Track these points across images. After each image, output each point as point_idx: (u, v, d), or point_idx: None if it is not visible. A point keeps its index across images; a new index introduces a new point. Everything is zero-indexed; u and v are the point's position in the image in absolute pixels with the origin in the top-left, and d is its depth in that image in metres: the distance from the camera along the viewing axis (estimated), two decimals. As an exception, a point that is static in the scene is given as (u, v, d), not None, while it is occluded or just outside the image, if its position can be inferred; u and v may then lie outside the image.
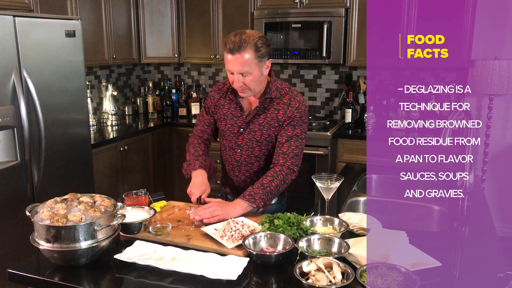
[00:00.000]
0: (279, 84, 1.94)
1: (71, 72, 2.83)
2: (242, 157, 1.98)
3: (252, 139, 1.94)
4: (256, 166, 1.99)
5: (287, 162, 1.87)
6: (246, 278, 1.33)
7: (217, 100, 2.02)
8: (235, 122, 1.96)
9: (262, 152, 1.97)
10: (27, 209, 1.44)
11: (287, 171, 1.86)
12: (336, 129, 3.64)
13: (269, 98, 1.91)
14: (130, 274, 1.36)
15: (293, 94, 1.96)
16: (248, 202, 1.77)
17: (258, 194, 1.79)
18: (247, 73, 1.77)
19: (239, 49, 1.74)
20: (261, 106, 1.92)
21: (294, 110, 1.91)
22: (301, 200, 3.60)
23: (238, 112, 1.96)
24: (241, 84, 1.80)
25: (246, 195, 1.78)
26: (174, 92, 4.40)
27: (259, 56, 1.77)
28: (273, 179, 1.83)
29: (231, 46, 1.75)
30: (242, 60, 1.74)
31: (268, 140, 1.94)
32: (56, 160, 2.76)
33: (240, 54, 1.74)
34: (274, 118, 1.92)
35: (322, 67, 4.09)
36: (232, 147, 2.00)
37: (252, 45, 1.74)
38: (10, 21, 2.44)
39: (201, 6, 4.03)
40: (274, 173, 1.85)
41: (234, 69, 1.77)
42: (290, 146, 1.89)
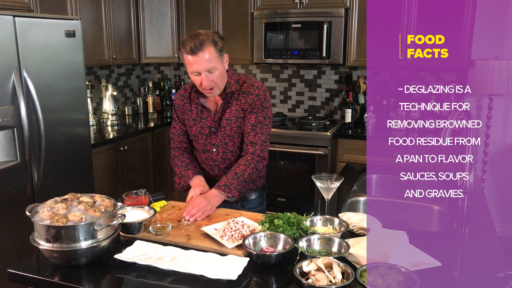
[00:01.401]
0: (236, 76, 1.98)
1: (71, 72, 2.83)
2: (219, 155, 2.01)
3: (224, 135, 1.97)
4: (233, 160, 2.02)
5: (257, 151, 1.93)
6: (246, 278, 1.33)
7: (183, 106, 2.04)
8: (205, 123, 1.99)
9: (236, 145, 2.00)
10: (27, 209, 1.44)
11: (258, 158, 1.93)
12: (336, 129, 3.64)
13: (231, 92, 1.94)
14: (130, 274, 1.35)
15: (251, 82, 1.98)
16: (224, 192, 1.84)
17: (233, 185, 1.85)
18: (213, 68, 1.80)
19: (200, 47, 1.76)
20: (225, 102, 1.95)
21: (254, 97, 1.94)
22: (301, 200, 3.61)
23: (205, 113, 1.99)
24: (210, 83, 1.82)
25: (221, 186, 1.85)
26: (174, 92, 4.40)
27: (219, 50, 1.82)
28: (246, 168, 1.89)
29: (192, 46, 1.76)
30: (205, 57, 1.78)
31: (238, 133, 1.97)
32: (56, 160, 2.76)
33: (203, 52, 1.77)
34: (238, 109, 1.95)
35: (322, 67, 4.09)
36: (206, 149, 2.02)
37: (210, 41, 1.78)
38: (10, 21, 2.44)
39: (201, 6, 4.03)
40: (246, 161, 1.91)
41: (200, 68, 1.79)
42: (256, 134, 1.94)
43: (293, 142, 3.55)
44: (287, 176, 3.62)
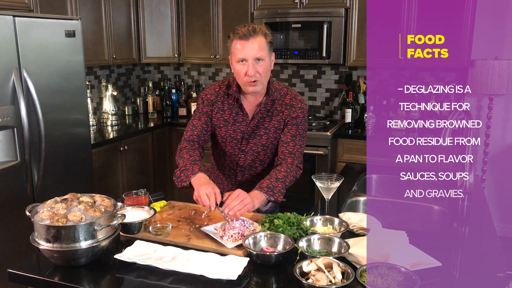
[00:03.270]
0: (277, 85, 1.92)
1: (71, 72, 2.83)
2: (246, 162, 1.94)
3: (258, 144, 1.90)
4: (260, 169, 1.97)
5: (295, 161, 1.86)
6: (246, 278, 1.33)
7: (215, 103, 1.91)
8: (238, 127, 1.89)
9: (267, 155, 1.94)
10: (27, 209, 1.44)
11: (296, 169, 1.86)
12: (336, 129, 3.64)
13: (272, 100, 1.88)
14: (130, 274, 1.35)
15: (293, 94, 1.93)
16: (266, 194, 1.69)
17: (277, 188, 1.72)
18: (262, 58, 1.74)
19: (253, 33, 1.73)
20: (264, 109, 1.88)
21: (297, 110, 1.88)
22: (301, 200, 3.60)
23: (241, 117, 1.89)
24: (255, 73, 1.74)
25: (264, 187, 1.70)
26: (174, 92, 4.40)
27: (269, 42, 1.78)
28: (287, 175, 1.79)
29: (244, 32, 1.73)
30: (257, 44, 1.73)
31: (274, 144, 1.91)
32: (56, 160, 2.76)
33: (255, 39, 1.73)
34: (279, 121, 1.88)
35: (322, 67, 4.09)
36: (235, 153, 1.93)
37: (262, 31, 1.76)
38: (10, 21, 2.44)
39: (201, 6, 4.03)
40: (288, 168, 1.81)
41: (249, 54, 1.72)
42: (295, 145, 1.87)
43: (293, 142, 3.55)
44: (287, 176, 3.61)
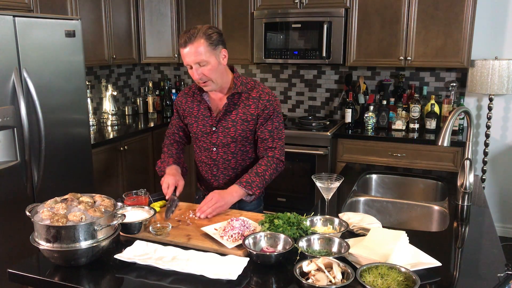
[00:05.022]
0: (244, 79, 1.98)
1: (71, 72, 2.83)
2: (219, 155, 2.01)
3: (227, 136, 1.97)
4: (233, 162, 2.02)
5: (276, 154, 1.97)
6: (246, 278, 1.33)
7: (185, 104, 2.06)
8: (206, 122, 2.00)
9: (238, 147, 2.00)
10: (27, 209, 1.44)
11: (277, 161, 1.97)
12: (336, 129, 3.64)
13: (237, 94, 1.94)
14: (130, 274, 1.35)
15: (260, 87, 1.99)
16: (245, 188, 1.85)
17: (255, 182, 1.87)
18: (204, 61, 1.81)
19: (190, 39, 1.78)
20: (230, 103, 1.95)
21: (265, 102, 1.94)
22: (301, 200, 3.61)
23: (208, 112, 1.99)
24: (201, 76, 1.83)
25: (243, 182, 1.85)
26: (174, 92, 4.40)
27: (211, 44, 1.81)
28: (267, 168, 1.92)
29: (184, 39, 1.80)
30: (195, 50, 1.79)
31: (242, 136, 1.97)
32: (56, 160, 2.76)
33: (193, 44, 1.78)
34: (246, 113, 1.95)
35: (322, 67, 4.09)
36: (207, 147, 2.02)
37: (202, 33, 1.79)
38: (10, 21, 2.44)
39: (201, 6, 4.03)
40: (268, 162, 1.94)
41: (190, 60, 1.81)
42: (274, 139, 1.97)
43: (293, 142, 3.55)
44: (287, 176, 3.61)
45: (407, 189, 2.39)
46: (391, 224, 2.04)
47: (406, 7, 3.41)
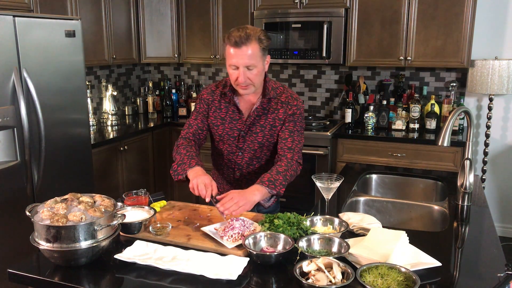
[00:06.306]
0: (273, 84, 1.95)
1: (71, 72, 2.83)
2: (244, 159, 1.97)
3: (254, 141, 1.93)
4: (257, 166, 1.99)
5: (295, 156, 1.88)
6: (246, 278, 1.32)
7: (211, 102, 1.96)
8: (235, 125, 1.93)
9: (264, 152, 1.97)
10: (27, 209, 1.44)
11: (296, 164, 1.88)
12: (336, 129, 3.64)
13: (268, 99, 1.91)
14: (130, 274, 1.35)
15: (289, 93, 1.96)
16: (268, 188, 1.70)
17: (278, 180, 1.73)
18: (253, 66, 1.76)
19: (246, 41, 1.73)
20: (260, 107, 1.91)
21: (293, 107, 1.92)
22: (301, 200, 3.60)
23: (237, 115, 1.93)
24: (246, 79, 1.78)
25: (265, 181, 1.71)
26: (174, 92, 4.40)
27: (263, 49, 1.78)
28: (288, 169, 1.81)
29: (236, 39, 1.73)
30: (248, 52, 1.74)
31: (270, 141, 1.94)
32: (56, 160, 2.76)
33: (247, 47, 1.73)
34: (275, 118, 1.91)
35: (322, 67, 4.09)
36: (232, 151, 1.97)
37: (256, 37, 1.75)
38: (10, 21, 2.44)
39: (201, 6, 4.03)
40: (288, 163, 1.83)
41: (240, 62, 1.75)
42: (294, 140, 1.91)
43: (293, 142, 3.54)
44: (287, 176, 3.61)
45: (407, 189, 2.39)
46: (391, 224, 2.03)
47: (406, 7, 3.41)
